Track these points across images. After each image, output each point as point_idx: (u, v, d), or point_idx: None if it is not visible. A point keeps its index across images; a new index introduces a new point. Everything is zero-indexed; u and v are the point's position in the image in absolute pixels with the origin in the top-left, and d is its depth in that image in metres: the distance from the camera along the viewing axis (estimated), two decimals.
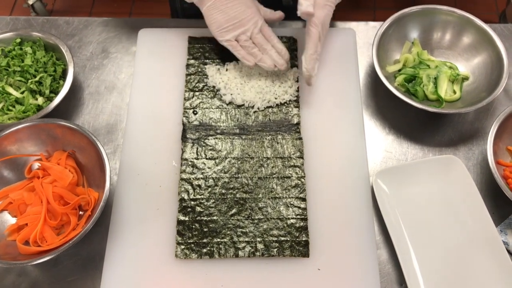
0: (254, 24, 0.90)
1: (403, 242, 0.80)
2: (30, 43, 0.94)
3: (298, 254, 0.78)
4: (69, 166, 0.84)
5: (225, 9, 0.89)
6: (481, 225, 0.79)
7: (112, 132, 0.92)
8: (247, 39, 0.90)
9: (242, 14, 0.89)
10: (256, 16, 0.90)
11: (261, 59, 0.90)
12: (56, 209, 0.79)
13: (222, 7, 0.88)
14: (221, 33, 0.90)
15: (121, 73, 0.98)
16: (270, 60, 0.90)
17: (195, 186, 0.82)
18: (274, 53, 0.90)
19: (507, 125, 0.85)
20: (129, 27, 1.04)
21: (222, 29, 0.90)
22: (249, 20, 0.89)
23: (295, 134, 0.87)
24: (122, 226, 0.81)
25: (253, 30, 0.90)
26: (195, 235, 0.79)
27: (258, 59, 0.90)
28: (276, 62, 0.90)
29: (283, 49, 0.91)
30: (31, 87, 0.89)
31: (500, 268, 0.76)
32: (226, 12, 0.89)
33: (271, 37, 0.91)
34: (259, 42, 0.90)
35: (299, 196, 0.82)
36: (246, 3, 0.90)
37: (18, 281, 0.79)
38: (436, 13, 0.96)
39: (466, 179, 0.82)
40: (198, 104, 0.91)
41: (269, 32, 0.91)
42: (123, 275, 0.77)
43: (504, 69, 0.89)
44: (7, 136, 0.82)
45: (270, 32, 0.91)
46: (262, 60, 0.90)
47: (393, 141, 0.91)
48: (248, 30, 0.90)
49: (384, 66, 0.94)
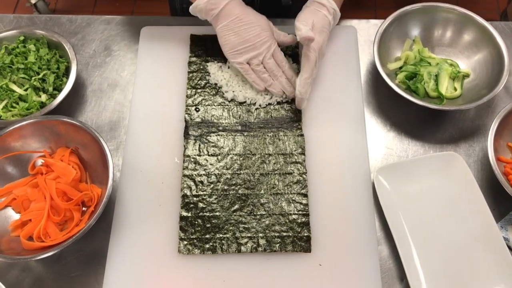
0: (267, 48, 0.89)
1: (404, 238, 0.80)
2: (33, 41, 0.95)
3: (300, 249, 0.78)
4: (72, 162, 0.85)
5: (239, 31, 0.88)
6: (482, 221, 0.80)
7: (115, 129, 0.92)
8: (259, 63, 0.89)
9: (256, 38, 0.88)
10: (270, 40, 0.90)
11: (271, 84, 0.90)
12: (59, 205, 0.80)
13: (236, 29, 0.88)
14: (234, 55, 0.90)
15: (123, 70, 0.99)
16: (280, 86, 0.90)
17: (198, 183, 0.83)
18: (284, 80, 0.90)
19: (508, 122, 0.86)
20: (132, 25, 1.04)
21: (235, 51, 0.89)
22: (263, 44, 0.89)
23: (297, 131, 0.88)
24: (124, 222, 0.81)
25: (266, 55, 0.89)
26: (197, 231, 0.79)
27: (268, 84, 0.90)
28: (285, 89, 0.91)
29: (293, 75, 0.91)
30: (34, 84, 0.90)
31: (500, 264, 0.77)
32: (240, 34, 0.88)
33: (282, 62, 0.91)
34: (271, 68, 0.90)
35: (300, 192, 0.82)
36: (261, 26, 0.89)
37: (21, 276, 0.79)
38: (437, 11, 0.96)
39: (467, 176, 0.83)
40: (200, 101, 0.91)
41: (281, 57, 0.91)
42: (126, 271, 0.78)
43: (504, 67, 0.89)
44: (11, 132, 0.83)
45: (282, 57, 0.91)
46: (272, 86, 0.90)
47: (394, 138, 0.92)
48: (261, 54, 0.89)
49: (385, 63, 0.94)
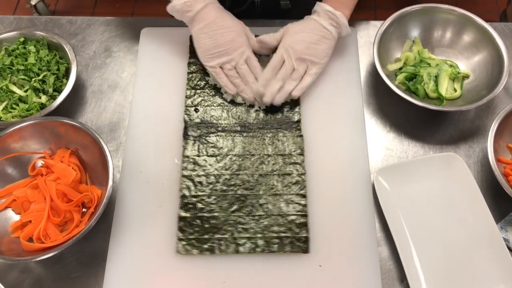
0: (241, 54, 0.90)
1: (404, 239, 0.80)
2: (33, 42, 0.95)
3: (298, 250, 0.78)
4: (72, 163, 0.85)
5: (214, 35, 0.89)
6: (482, 222, 0.80)
7: (115, 130, 0.92)
8: (232, 68, 0.90)
9: (230, 43, 0.89)
10: (244, 46, 0.90)
11: (243, 90, 0.90)
12: (59, 206, 0.80)
13: (212, 33, 0.89)
14: (207, 59, 0.90)
15: (123, 71, 0.99)
16: (251, 93, 0.90)
17: (197, 183, 0.83)
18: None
19: (508, 122, 0.86)
20: (132, 26, 1.05)
21: (207, 55, 0.90)
22: (236, 50, 0.89)
23: (296, 132, 0.88)
24: (124, 223, 0.81)
25: (239, 60, 0.90)
26: (196, 231, 0.79)
27: (240, 89, 0.90)
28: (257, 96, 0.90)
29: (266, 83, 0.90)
30: (34, 86, 0.90)
31: (500, 265, 0.77)
32: (214, 38, 0.89)
33: (256, 69, 0.91)
34: (243, 73, 0.90)
35: (299, 193, 0.82)
36: (236, 31, 0.90)
37: (21, 277, 0.79)
38: (437, 12, 0.97)
39: (467, 177, 0.83)
40: (199, 102, 0.91)
41: (255, 63, 0.91)
42: (126, 272, 0.78)
43: (504, 67, 0.89)
44: (11, 134, 0.83)
45: (255, 63, 0.91)
46: (244, 91, 0.90)
47: (394, 139, 0.92)
48: (234, 60, 0.90)
49: (385, 64, 0.95)
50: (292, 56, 0.90)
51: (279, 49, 0.91)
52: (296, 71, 0.90)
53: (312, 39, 0.90)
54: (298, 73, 0.90)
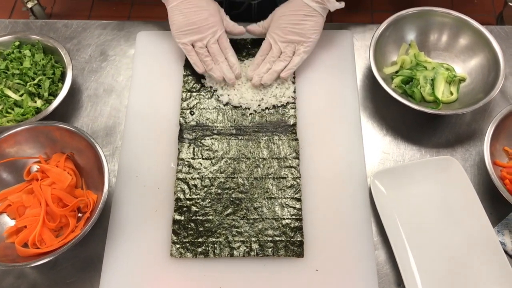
0: (213, 33, 0.91)
1: (401, 243, 0.80)
2: (29, 46, 0.95)
3: (292, 254, 0.78)
4: (68, 168, 0.84)
5: (188, 13, 0.90)
6: (478, 225, 0.80)
7: (111, 134, 0.92)
8: (203, 46, 0.91)
9: (203, 22, 0.90)
10: (217, 25, 0.91)
11: (212, 69, 0.91)
12: (55, 211, 0.79)
13: (185, 10, 0.90)
14: (179, 35, 0.92)
15: (119, 75, 0.99)
16: (219, 72, 0.91)
17: (191, 186, 0.83)
18: (225, 66, 0.91)
19: (504, 126, 0.86)
20: (127, 30, 1.04)
21: (180, 32, 0.91)
22: (208, 29, 0.91)
23: (292, 135, 0.88)
24: (121, 228, 0.81)
25: (210, 39, 0.91)
26: (190, 234, 0.79)
27: (209, 68, 0.91)
28: (225, 75, 0.91)
29: (235, 63, 0.92)
30: (30, 90, 0.90)
31: (497, 269, 0.77)
32: (187, 16, 0.90)
33: (226, 49, 0.92)
34: (213, 52, 0.91)
35: (294, 197, 0.82)
36: (209, 11, 0.91)
37: (16, 283, 0.79)
38: (433, 15, 0.97)
39: (463, 180, 0.83)
40: (195, 104, 0.91)
41: (226, 44, 0.92)
42: (122, 277, 0.77)
43: (500, 71, 0.89)
44: (6, 138, 0.82)
45: (226, 44, 0.92)
46: (213, 70, 0.91)
47: (391, 142, 0.92)
48: (205, 38, 0.91)
49: (381, 68, 0.94)
50: (278, 40, 0.92)
51: (267, 36, 0.94)
52: (283, 53, 0.92)
53: (296, 20, 0.91)
54: (286, 54, 0.92)
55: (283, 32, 0.92)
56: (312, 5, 0.90)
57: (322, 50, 0.97)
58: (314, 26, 0.91)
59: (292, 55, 0.93)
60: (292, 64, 0.92)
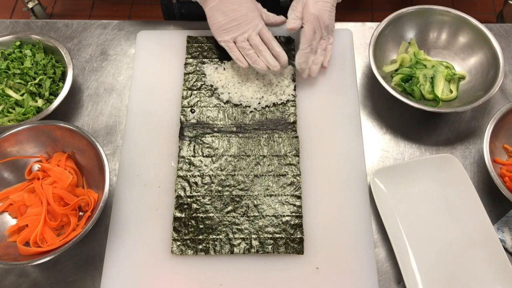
0: (254, 27, 0.91)
1: (400, 240, 0.80)
2: (29, 46, 0.95)
3: (292, 251, 0.78)
4: (69, 167, 0.85)
5: (227, 11, 0.90)
6: (478, 223, 0.80)
7: (111, 133, 0.92)
8: (244, 40, 0.91)
9: (243, 17, 0.91)
10: (257, 20, 0.92)
11: (255, 61, 0.91)
12: (56, 210, 0.80)
13: (225, 9, 0.90)
14: (220, 34, 0.92)
15: (120, 75, 0.99)
16: (263, 62, 0.91)
17: (192, 184, 0.83)
18: (269, 56, 0.91)
19: (503, 123, 0.86)
20: (128, 30, 1.05)
21: (221, 30, 0.92)
22: (249, 23, 0.91)
23: (292, 133, 0.88)
24: (122, 227, 0.81)
25: (251, 33, 0.91)
26: (191, 231, 0.80)
27: (253, 61, 0.91)
28: (270, 64, 0.91)
29: (281, 52, 0.91)
30: (30, 90, 0.90)
31: (496, 266, 0.77)
32: (227, 14, 0.90)
33: (269, 40, 0.92)
34: (255, 44, 0.91)
35: (294, 194, 0.82)
36: (249, 7, 0.91)
37: (18, 282, 0.79)
38: (432, 13, 0.97)
39: (463, 178, 0.83)
40: (196, 102, 0.91)
41: (268, 35, 0.92)
42: (123, 276, 0.77)
43: (500, 68, 0.89)
44: (7, 138, 0.83)
45: (269, 35, 0.92)
46: (256, 62, 0.91)
47: (390, 141, 0.92)
48: (246, 32, 0.91)
49: (381, 66, 0.95)
50: (322, 25, 0.93)
51: (309, 21, 0.92)
52: (323, 40, 0.94)
53: (329, 7, 0.93)
54: (326, 42, 0.95)
55: (324, 18, 0.92)
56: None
57: None
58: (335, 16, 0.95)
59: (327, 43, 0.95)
60: (329, 54, 0.95)
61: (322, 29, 0.93)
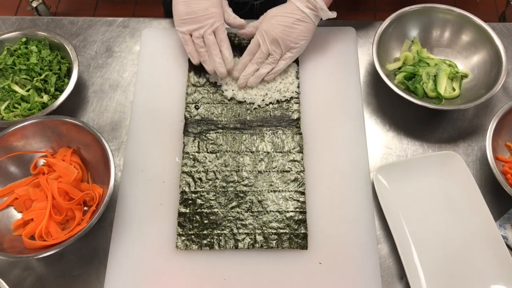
0: (210, 24, 0.91)
1: (403, 236, 0.81)
2: (35, 42, 0.96)
3: (296, 246, 0.79)
4: (74, 162, 0.85)
5: (189, 2, 0.90)
6: (481, 219, 0.80)
7: (116, 129, 0.93)
8: (199, 36, 0.91)
9: (203, 11, 0.90)
10: (216, 17, 0.91)
11: (205, 61, 0.92)
12: (61, 204, 0.80)
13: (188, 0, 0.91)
14: (178, 24, 0.93)
15: (125, 71, 1.00)
16: (212, 64, 0.91)
17: (196, 179, 0.84)
18: (218, 59, 0.91)
19: (506, 121, 0.87)
20: (133, 27, 1.05)
21: (180, 20, 0.92)
22: (207, 19, 0.91)
23: (295, 129, 0.89)
24: (126, 221, 0.82)
25: (207, 30, 0.91)
26: (195, 226, 0.80)
27: (203, 59, 0.92)
28: (217, 68, 0.91)
29: (228, 57, 0.91)
30: (36, 85, 0.91)
31: (499, 262, 0.77)
32: (188, 5, 0.91)
33: (222, 41, 0.92)
34: (208, 43, 0.91)
35: (298, 190, 0.83)
36: (211, 2, 0.91)
37: (23, 275, 0.80)
38: (435, 12, 0.97)
39: (466, 175, 0.83)
40: (200, 99, 0.92)
41: (222, 36, 0.92)
42: (127, 269, 0.78)
43: (502, 67, 0.90)
44: (13, 132, 0.83)
45: (223, 36, 0.92)
46: (206, 62, 0.92)
47: (393, 138, 0.92)
48: (202, 28, 0.91)
49: (384, 64, 0.95)
50: (267, 39, 0.91)
51: (256, 34, 0.93)
52: (271, 55, 0.92)
53: (287, 22, 0.91)
54: (273, 57, 0.92)
55: (273, 32, 0.90)
56: (305, 11, 0.90)
57: (326, 46, 0.98)
58: (304, 32, 0.91)
59: (279, 58, 0.92)
60: (277, 69, 0.92)
61: (268, 44, 0.91)
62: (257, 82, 0.92)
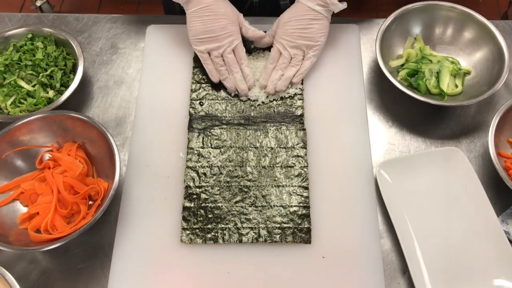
0: (230, 42, 0.91)
1: (406, 231, 0.81)
2: (41, 39, 0.97)
3: (300, 240, 0.79)
4: (79, 157, 0.86)
5: (206, 20, 0.90)
6: (483, 215, 0.81)
7: (121, 125, 0.94)
8: (218, 55, 0.91)
9: (221, 30, 0.90)
10: (235, 34, 0.92)
11: (226, 78, 0.92)
12: (66, 198, 0.81)
13: (204, 17, 0.90)
14: (196, 42, 0.92)
15: (129, 67, 1.00)
16: (233, 82, 0.92)
17: (201, 174, 0.84)
18: (238, 77, 0.91)
19: (508, 118, 0.87)
20: (137, 24, 1.06)
21: (197, 39, 0.92)
22: (226, 38, 0.91)
23: (299, 125, 0.89)
24: (130, 215, 0.82)
25: (227, 48, 0.91)
26: (200, 221, 0.81)
27: (223, 78, 0.92)
28: (238, 86, 0.91)
29: (249, 75, 0.92)
30: (42, 81, 0.92)
31: (501, 258, 0.78)
32: (205, 23, 0.90)
33: (242, 59, 0.92)
34: (229, 62, 0.91)
35: (302, 185, 0.83)
36: (229, 18, 0.91)
37: (29, 268, 0.80)
38: (438, 9, 0.98)
39: (468, 171, 0.84)
40: (204, 95, 0.93)
41: (241, 54, 0.92)
42: (132, 263, 0.79)
43: (505, 64, 0.90)
44: (19, 127, 0.84)
45: (242, 54, 0.93)
46: (227, 80, 0.92)
47: (396, 134, 0.93)
48: (222, 47, 0.91)
49: (387, 61, 0.96)
50: (287, 46, 0.92)
51: (274, 43, 0.94)
52: (294, 58, 0.92)
53: (303, 25, 0.91)
54: (296, 59, 0.92)
55: (291, 38, 0.92)
56: (317, 9, 0.91)
57: (329, 43, 0.98)
58: (321, 29, 0.92)
59: (302, 59, 0.93)
60: (303, 69, 0.93)
61: (289, 49, 0.92)
62: (286, 85, 0.92)
